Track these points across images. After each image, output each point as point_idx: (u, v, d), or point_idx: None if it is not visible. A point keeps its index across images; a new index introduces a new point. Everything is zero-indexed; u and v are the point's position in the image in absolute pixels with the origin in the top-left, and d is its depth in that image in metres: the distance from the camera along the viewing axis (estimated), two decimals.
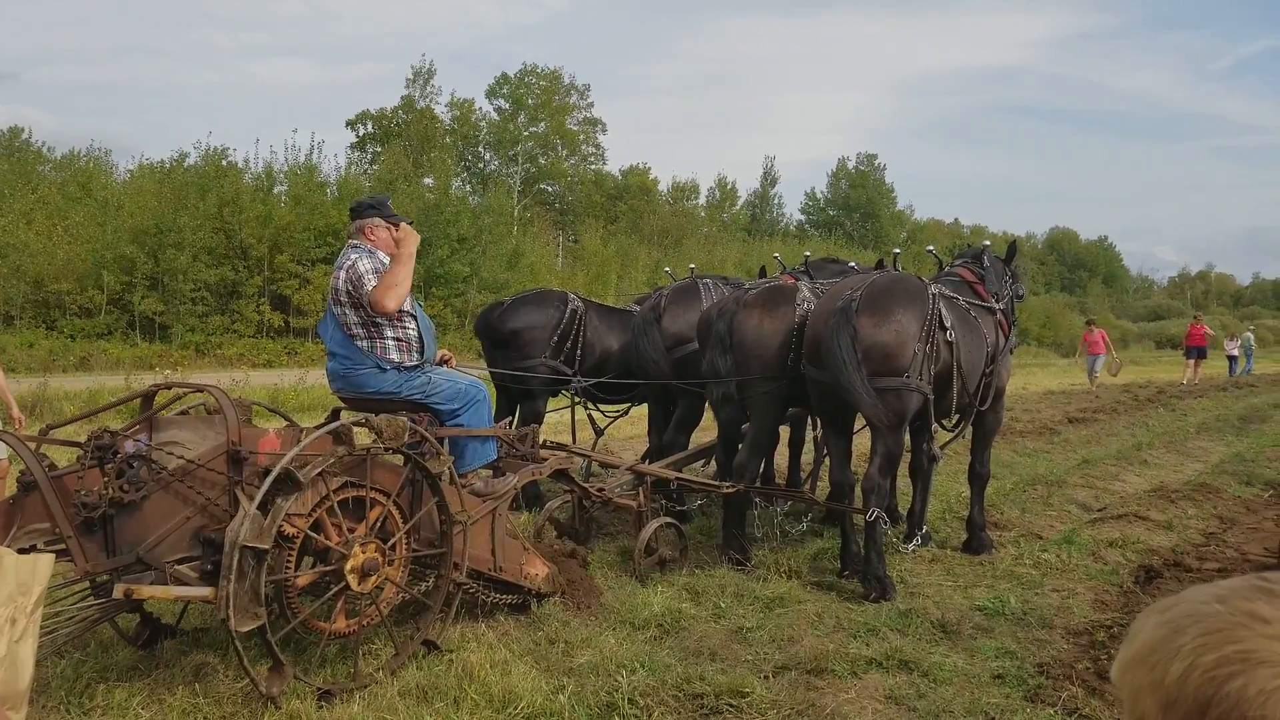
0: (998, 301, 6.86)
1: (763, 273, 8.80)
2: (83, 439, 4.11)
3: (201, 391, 4.51)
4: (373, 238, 5.27)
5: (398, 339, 5.15)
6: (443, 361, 5.54)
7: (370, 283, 5.00)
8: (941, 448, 6.96)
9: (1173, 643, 0.75)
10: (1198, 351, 25.98)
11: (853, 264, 8.32)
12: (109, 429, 4.11)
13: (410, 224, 5.35)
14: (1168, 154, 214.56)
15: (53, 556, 3.44)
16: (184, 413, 4.71)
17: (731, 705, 4.06)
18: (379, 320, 5.07)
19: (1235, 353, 31.56)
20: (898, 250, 8.11)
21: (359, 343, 5.06)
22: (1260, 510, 8.51)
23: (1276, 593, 0.73)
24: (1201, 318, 29.85)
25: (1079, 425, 14.71)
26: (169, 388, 4.73)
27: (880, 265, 8.18)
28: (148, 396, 4.54)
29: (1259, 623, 0.71)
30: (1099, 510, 8.51)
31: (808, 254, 8.76)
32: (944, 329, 5.95)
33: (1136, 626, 0.79)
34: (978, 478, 7.00)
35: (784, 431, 8.11)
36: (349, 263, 5.10)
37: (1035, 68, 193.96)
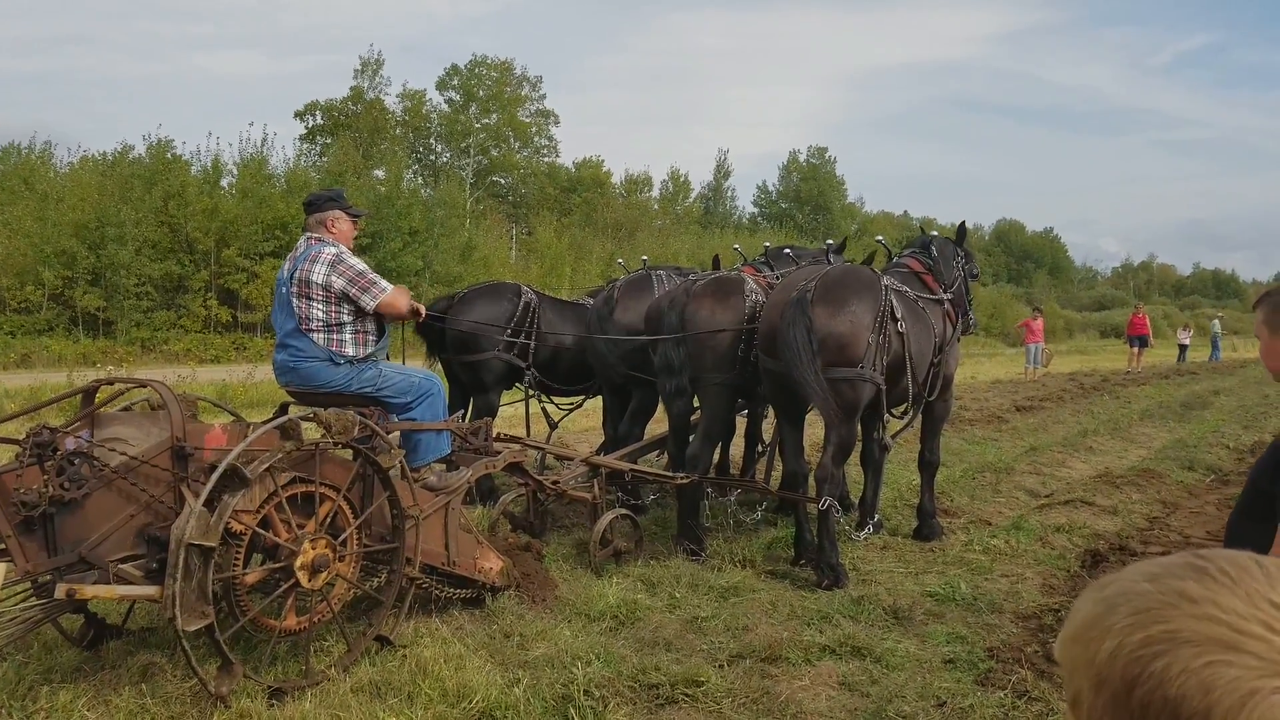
0: (946, 291, 6.94)
1: (715, 263, 8.83)
2: (22, 437, 4.02)
3: (144, 387, 4.42)
4: (334, 230, 5.22)
5: (356, 333, 5.10)
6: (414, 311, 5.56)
7: (380, 284, 5.13)
8: (893, 437, 7.04)
9: (1105, 621, 0.75)
10: (1140, 340, 26.51)
11: (786, 250, 8.39)
12: (48, 426, 4.01)
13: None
14: (1109, 147, 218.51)
15: (9, 565, 3.38)
16: (127, 409, 4.62)
17: (687, 695, 4.07)
18: (343, 318, 5.04)
19: (1186, 341, 32.49)
20: (830, 242, 8.18)
21: (315, 336, 5.00)
22: (1202, 494, 8.71)
23: (1209, 571, 0.74)
24: (1142, 306, 30.51)
25: (1026, 413, 14.94)
26: (111, 383, 4.63)
27: (843, 247, 8.26)
28: (89, 392, 4.44)
29: (1187, 602, 0.72)
30: (1046, 496, 8.66)
31: (767, 244, 8.80)
32: (895, 320, 6.01)
33: (1076, 604, 0.80)
34: (928, 465, 7.08)
35: (740, 423, 8.15)
36: (329, 256, 5.03)
37: (980, 62, 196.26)
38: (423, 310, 5.71)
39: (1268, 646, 0.69)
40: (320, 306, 5.01)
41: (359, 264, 5.15)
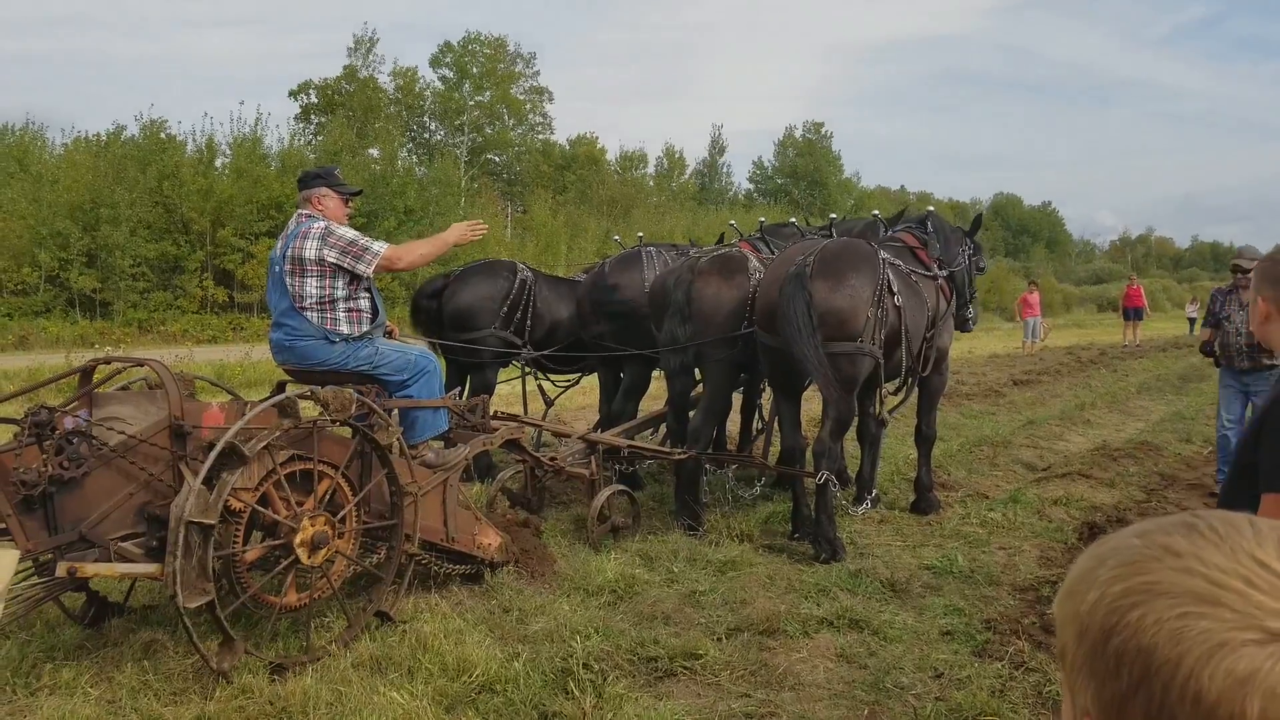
0: (943, 267, 6.93)
1: (721, 240, 8.81)
2: (21, 416, 4.02)
3: (142, 366, 4.42)
4: (321, 207, 5.19)
5: (349, 311, 5.08)
6: (386, 333, 5.50)
7: (377, 244, 5.11)
8: (890, 412, 7.05)
9: (1093, 574, 0.76)
10: (1136, 312, 26.40)
11: (792, 219, 8.42)
12: (47, 405, 4.02)
13: (483, 226, 5.67)
14: (1105, 119, 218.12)
15: (17, 553, 3.39)
16: (125, 388, 4.62)
17: (685, 667, 4.10)
18: (336, 294, 5.02)
19: (1194, 315, 32.64)
20: (834, 215, 8.17)
21: (309, 314, 4.99)
22: (1200, 467, 8.74)
23: (1198, 528, 0.74)
24: (1136, 279, 30.42)
25: (1023, 387, 14.96)
26: (108, 362, 4.64)
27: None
28: (86, 372, 4.44)
29: (1171, 556, 0.73)
30: (1043, 469, 8.68)
31: (762, 220, 8.79)
32: (892, 293, 6.01)
33: (1075, 563, 0.81)
34: (924, 440, 7.10)
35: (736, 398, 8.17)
36: (317, 230, 5.01)
37: (978, 36, 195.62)
38: (450, 238, 5.54)
39: (1244, 601, 0.69)
40: (315, 282, 4.98)
41: (349, 233, 5.10)
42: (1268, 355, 6.85)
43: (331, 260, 4.98)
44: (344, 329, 5.05)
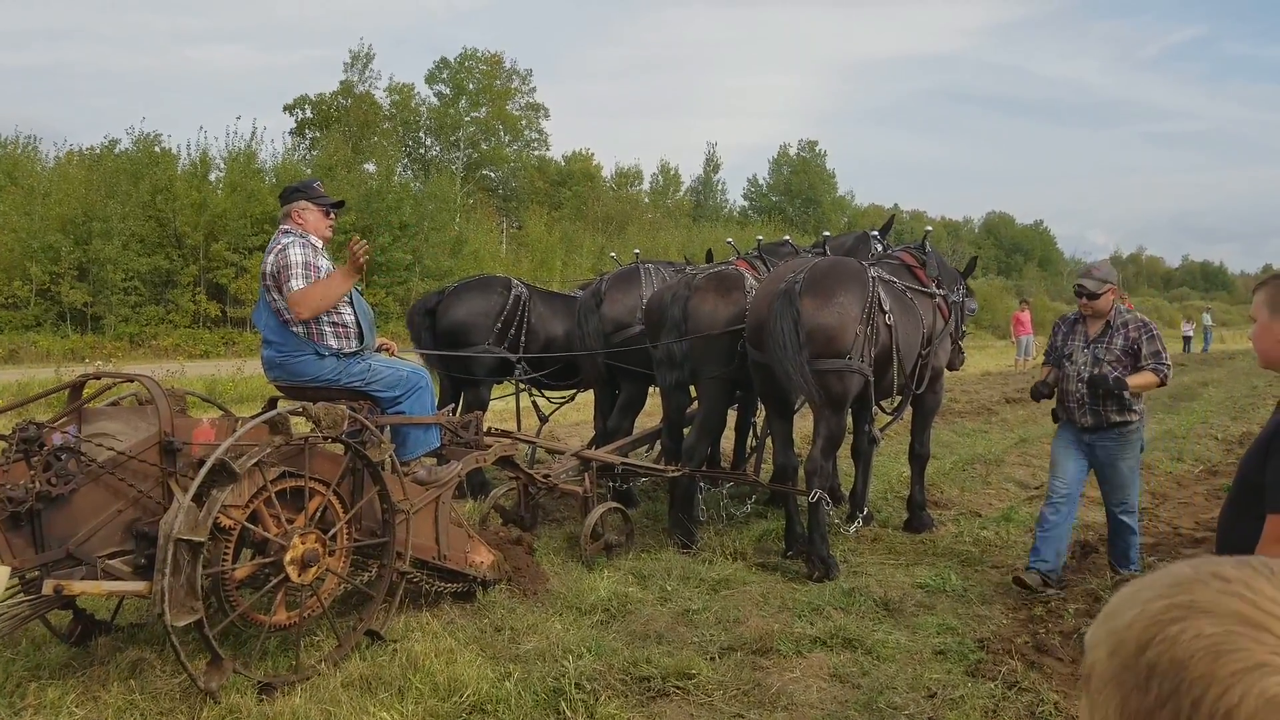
0: (939, 286, 6.94)
1: (709, 256, 8.82)
2: (9, 432, 3.99)
3: (132, 381, 4.40)
4: (300, 221, 5.16)
5: (334, 325, 5.05)
6: (383, 349, 5.47)
7: (297, 279, 4.83)
8: (881, 430, 7.04)
9: (1135, 596, 0.76)
10: None
11: (786, 237, 8.45)
12: (35, 421, 3.99)
13: (364, 245, 5.01)
14: (1098, 139, 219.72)
15: (7, 569, 3.36)
16: (115, 403, 4.60)
17: (678, 687, 4.07)
18: None
19: (1190, 333, 34.13)
20: (827, 233, 8.17)
21: (294, 329, 4.95)
22: (1190, 485, 8.74)
23: (1251, 563, 0.74)
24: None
25: (1015, 405, 14.97)
26: (98, 378, 4.61)
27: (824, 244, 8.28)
28: (76, 387, 4.42)
29: (1219, 580, 0.72)
30: (1036, 488, 8.67)
31: (760, 238, 8.80)
32: (883, 311, 6.02)
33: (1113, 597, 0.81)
34: (918, 458, 7.09)
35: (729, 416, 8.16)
36: (278, 248, 4.99)
37: (971, 55, 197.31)
38: (348, 271, 4.98)
39: None
40: (282, 298, 4.95)
41: (292, 256, 4.90)
42: (1116, 410, 5.35)
43: (279, 277, 4.92)
44: (331, 342, 5.01)
